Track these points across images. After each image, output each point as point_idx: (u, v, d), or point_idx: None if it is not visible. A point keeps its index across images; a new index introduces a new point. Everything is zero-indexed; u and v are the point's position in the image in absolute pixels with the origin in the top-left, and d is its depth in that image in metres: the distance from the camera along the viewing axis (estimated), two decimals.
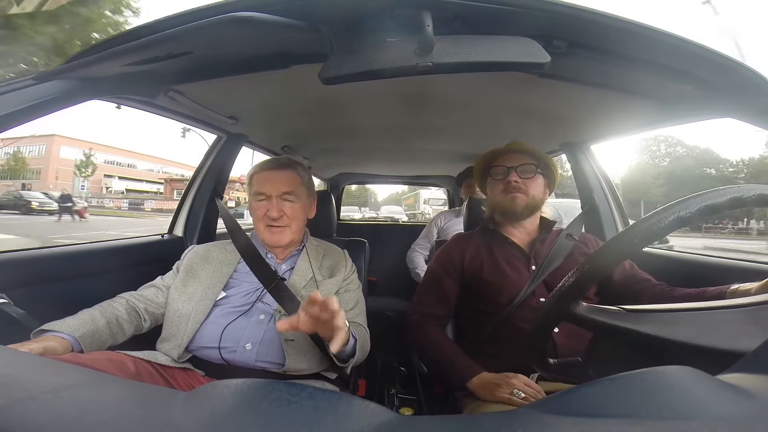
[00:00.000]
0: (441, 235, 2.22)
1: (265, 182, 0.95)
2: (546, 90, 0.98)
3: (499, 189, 1.05)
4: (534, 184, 1.04)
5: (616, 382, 0.28)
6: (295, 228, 0.97)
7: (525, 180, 1.03)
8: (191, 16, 0.53)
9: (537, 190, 1.04)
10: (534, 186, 1.04)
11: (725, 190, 0.42)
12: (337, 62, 0.56)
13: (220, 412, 0.26)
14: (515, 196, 1.02)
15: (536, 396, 0.78)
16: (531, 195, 1.03)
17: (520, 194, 1.02)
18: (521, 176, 1.03)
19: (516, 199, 1.02)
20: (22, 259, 0.91)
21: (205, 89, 1.01)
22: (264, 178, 0.95)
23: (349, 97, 1.15)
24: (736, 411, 0.24)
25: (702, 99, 0.76)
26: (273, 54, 0.72)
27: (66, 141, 32.29)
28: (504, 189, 1.04)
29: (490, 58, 0.54)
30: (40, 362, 0.37)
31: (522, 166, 1.03)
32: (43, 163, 31.45)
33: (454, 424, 0.28)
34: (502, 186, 1.04)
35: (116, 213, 23.30)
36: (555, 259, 0.99)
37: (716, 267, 1.08)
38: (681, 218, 0.41)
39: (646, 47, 0.60)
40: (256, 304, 0.89)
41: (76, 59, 0.63)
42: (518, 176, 1.03)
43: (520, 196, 1.02)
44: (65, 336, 0.70)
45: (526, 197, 1.03)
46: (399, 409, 1.37)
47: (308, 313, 0.63)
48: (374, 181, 3.34)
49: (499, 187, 1.05)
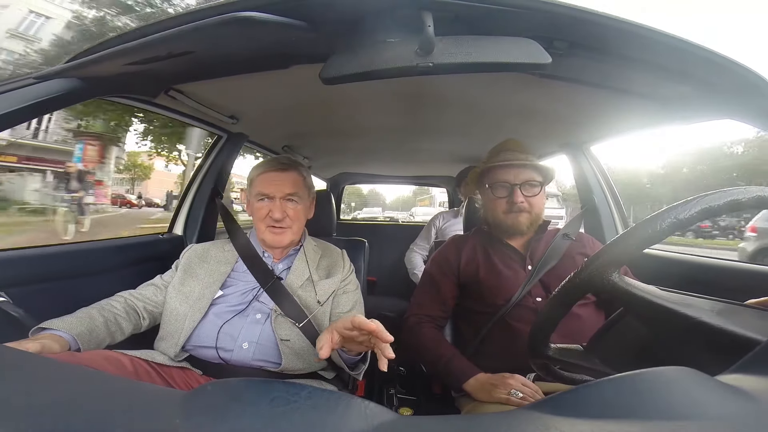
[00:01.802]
0: (440, 235, 2.22)
1: (268, 183, 0.94)
2: (546, 91, 0.98)
3: (501, 207, 1.00)
4: (537, 200, 1.00)
5: (615, 382, 0.28)
6: (296, 229, 0.97)
7: (529, 198, 0.99)
8: (192, 16, 0.53)
9: (539, 205, 1.01)
10: (538, 202, 1.00)
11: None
12: (338, 62, 0.56)
13: (219, 412, 0.26)
14: (520, 216, 0.99)
15: (534, 396, 0.78)
16: (535, 213, 1.00)
17: (525, 213, 0.99)
18: (526, 194, 0.98)
19: (521, 219, 0.99)
20: (22, 258, 0.91)
21: (205, 89, 1.01)
22: (267, 179, 0.94)
23: (350, 97, 1.15)
24: (735, 411, 0.24)
25: (702, 100, 0.77)
26: (274, 54, 0.72)
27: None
28: (508, 209, 0.99)
29: (491, 59, 0.54)
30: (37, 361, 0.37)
31: (526, 184, 0.99)
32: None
33: (454, 424, 0.28)
34: (505, 205, 1.00)
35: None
36: (551, 259, 0.99)
37: (714, 268, 1.08)
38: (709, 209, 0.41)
39: (646, 48, 0.60)
40: (253, 303, 0.89)
41: (78, 58, 0.63)
42: (523, 194, 0.98)
43: (523, 216, 0.99)
44: (63, 334, 0.70)
45: (529, 215, 1.00)
46: (398, 409, 1.37)
47: (344, 335, 0.63)
48: (374, 181, 3.34)
49: (501, 206, 1.00)
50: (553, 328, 0.57)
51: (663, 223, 0.42)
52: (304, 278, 0.95)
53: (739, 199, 0.41)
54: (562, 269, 0.96)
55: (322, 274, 0.99)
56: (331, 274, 0.99)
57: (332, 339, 0.64)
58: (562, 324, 0.56)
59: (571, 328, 0.80)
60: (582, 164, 1.45)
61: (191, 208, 1.43)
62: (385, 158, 2.33)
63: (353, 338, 0.64)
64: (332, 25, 0.56)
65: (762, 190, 0.41)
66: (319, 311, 0.91)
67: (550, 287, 0.95)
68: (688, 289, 0.84)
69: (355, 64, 0.55)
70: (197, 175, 1.46)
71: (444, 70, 0.53)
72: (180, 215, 1.44)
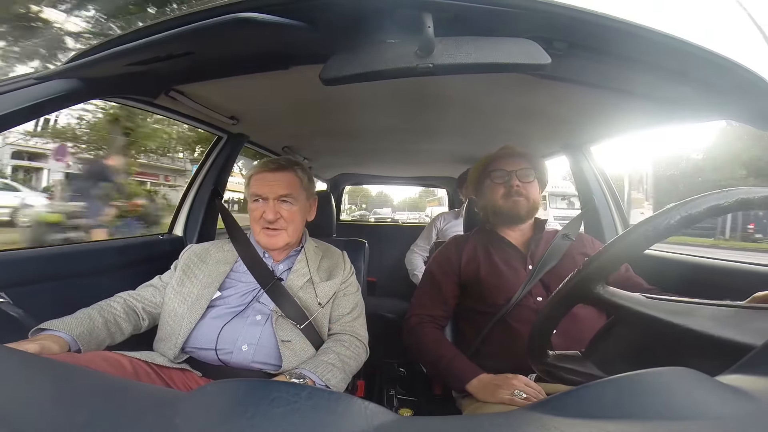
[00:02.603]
0: (440, 236, 2.22)
1: (262, 184, 0.93)
2: (546, 91, 0.98)
3: (500, 193, 1.05)
4: (533, 188, 1.05)
5: (615, 383, 0.28)
6: (291, 231, 0.95)
7: (525, 184, 1.04)
8: (192, 17, 0.53)
9: (535, 194, 1.06)
10: (533, 190, 1.05)
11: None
12: (338, 63, 0.56)
13: (220, 412, 0.26)
14: (518, 201, 1.03)
15: (537, 396, 0.78)
16: (531, 199, 1.04)
17: (522, 198, 1.03)
18: (521, 180, 1.04)
19: (519, 203, 1.03)
20: (22, 258, 0.91)
21: (206, 89, 1.01)
22: (261, 180, 0.93)
23: (350, 98, 1.15)
24: (735, 412, 0.24)
25: (701, 100, 0.77)
26: (274, 55, 0.72)
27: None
28: (506, 193, 1.04)
29: (491, 60, 0.54)
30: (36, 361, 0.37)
31: (521, 170, 1.04)
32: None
33: (454, 424, 0.28)
34: (503, 190, 1.05)
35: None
36: (551, 258, 0.99)
37: (713, 269, 1.08)
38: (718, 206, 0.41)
39: (646, 49, 0.60)
40: (252, 304, 0.88)
41: (78, 59, 0.63)
42: (519, 180, 1.04)
43: (521, 200, 1.03)
44: (63, 335, 0.69)
45: (527, 202, 1.04)
46: (398, 409, 1.37)
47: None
48: (375, 181, 3.35)
49: (500, 191, 1.05)
50: (548, 337, 0.57)
51: (638, 234, 0.43)
52: (304, 280, 0.95)
53: (721, 204, 0.42)
54: (562, 269, 0.96)
55: (322, 276, 0.98)
56: (331, 276, 0.99)
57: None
58: (563, 325, 0.56)
59: (571, 329, 0.80)
60: (582, 165, 1.45)
61: (191, 209, 1.44)
62: (385, 159, 2.33)
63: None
64: (332, 26, 0.56)
65: (744, 192, 0.42)
66: (320, 313, 0.91)
67: (551, 287, 0.96)
68: (688, 289, 0.85)
69: (355, 64, 0.55)
70: (197, 176, 1.46)
71: (444, 70, 0.53)
72: (180, 216, 1.44)
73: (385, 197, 48.32)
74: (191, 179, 1.49)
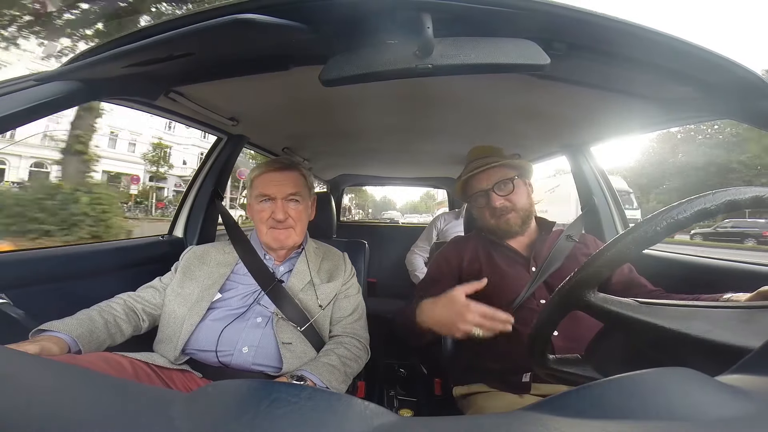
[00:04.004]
0: (441, 237, 2.22)
1: (269, 184, 0.93)
2: (546, 92, 0.98)
3: (486, 215, 1.03)
4: (517, 195, 1.01)
5: (615, 383, 0.28)
6: (299, 229, 0.96)
7: (507, 197, 1.00)
8: (192, 18, 0.54)
9: (522, 199, 1.02)
10: (518, 197, 1.01)
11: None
12: (338, 64, 0.56)
13: (220, 413, 0.26)
14: (507, 219, 1.00)
15: (505, 327, 0.72)
16: (519, 207, 1.01)
17: (511, 214, 1.00)
18: (501, 194, 1.00)
19: (509, 220, 1.01)
20: (22, 259, 0.91)
21: (205, 91, 1.01)
22: (268, 180, 0.94)
23: (350, 98, 1.15)
24: (735, 412, 0.24)
25: (702, 100, 0.77)
26: (274, 56, 0.72)
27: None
28: (491, 214, 1.02)
29: (490, 60, 0.54)
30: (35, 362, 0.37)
31: (498, 184, 1.00)
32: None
33: (454, 425, 0.28)
34: (488, 212, 1.02)
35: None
36: (555, 260, 0.98)
37: (715, 269, 1.08)
38: (705, 210, 0.41)
39: (646, 49, 0.60)
40: (253, 306, 0.88)
41: (77, 60, 0.63)
42: (498, 195, 1.00)
43: (510, 215, 1.00)
44: (63, 336, 0.70)
45: (516, 213, 1.01)
46: (398, 410, 1.37)
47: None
48: (375, 182, 3.34)
49: (486, 213, 1.03)
50: (547, 342, 0.58)
51: (626, 242, 0.43)
52: (305, 282, 0.95)
53: (708, 207, 0.41)
54: (566, 271, 0.95)
55: (323, 278, 0.98)
56: (332, 278, 0.99)
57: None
58: (563, 325, 0.56)
59: (572, 329, 0.80)
60: (582, 165, 1.45)
61: (191, 210, 1.43)
62: (385, 160, 2.33)
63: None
64: (332, 27, 0.56)
65: (731, 193, 0.42)
66: (320, 315, 0.91)
67: (554, 289, 0.95)
68: (688, 289, 0.84)
69: (355, 65, 0.55)
70: (197, 177, 1.46)
71: (443, 71, 0.53)
72: (180, 217, 1.44)
73: (388, 201, 48.78)
74: (191, 181, 1.49)
